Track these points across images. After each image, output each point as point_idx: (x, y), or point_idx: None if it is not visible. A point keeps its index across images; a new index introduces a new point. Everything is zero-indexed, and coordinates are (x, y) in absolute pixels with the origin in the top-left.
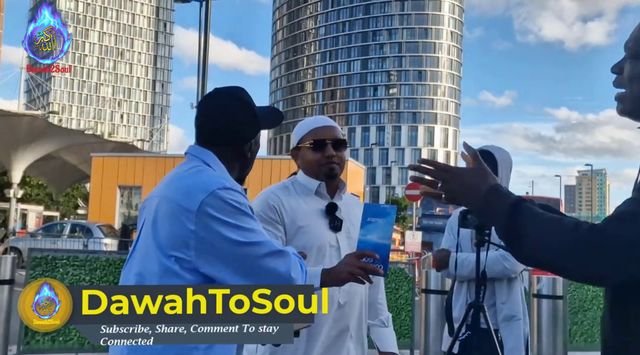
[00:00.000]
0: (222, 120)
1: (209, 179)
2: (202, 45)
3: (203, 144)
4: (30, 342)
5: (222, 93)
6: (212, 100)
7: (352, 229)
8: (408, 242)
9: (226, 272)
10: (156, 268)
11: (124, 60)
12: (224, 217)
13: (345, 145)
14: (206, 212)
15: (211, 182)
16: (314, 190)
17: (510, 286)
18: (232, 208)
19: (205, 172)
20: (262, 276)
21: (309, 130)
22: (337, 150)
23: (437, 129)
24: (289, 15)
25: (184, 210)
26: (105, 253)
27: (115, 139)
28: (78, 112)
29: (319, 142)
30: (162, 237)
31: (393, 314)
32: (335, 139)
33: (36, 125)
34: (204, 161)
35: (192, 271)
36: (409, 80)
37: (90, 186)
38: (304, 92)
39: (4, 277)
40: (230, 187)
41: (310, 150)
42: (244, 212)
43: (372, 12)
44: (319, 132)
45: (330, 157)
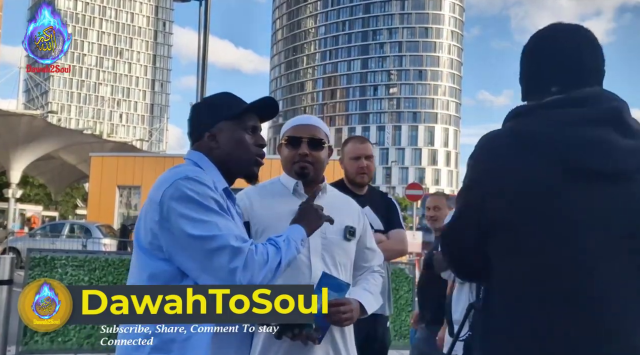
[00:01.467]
0: (189, 121)
1: (176, 171)
2: (202, 44)
3: (192, 147)
4: (29, 342)
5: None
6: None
7: (327, 228)
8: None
9: (188, 265)
10: (142, 263)
11: (123, 60)
12: (179, 208)
13: (322, 145)
14: (166, 203)
15: (177, 174)
16: (291, 190)
17: None
18: (188, 198)
19: (180, 167)
20: (213, 272)
21: (289, 128)
22: (313, 150)
23: (438, 128)
24: (289, 14)
25: (152, 203)
26: (104, 253)
27: (114, 139)
28: (77, 111)
29: (294, 139)
30: (142, 234)
31: (393, 314)
32: (311, 138)
33: (35, 125)
34: (192, 161)
35: (169, 262)
36: (409, 79)
37: (89, 186)
38: (303, 92)
39: (3, 278)
40: (192, 177)
41: (285, 147)
42: (200, 203)
43: (372, 11)
44: (296, 130)
45: (303, 156)
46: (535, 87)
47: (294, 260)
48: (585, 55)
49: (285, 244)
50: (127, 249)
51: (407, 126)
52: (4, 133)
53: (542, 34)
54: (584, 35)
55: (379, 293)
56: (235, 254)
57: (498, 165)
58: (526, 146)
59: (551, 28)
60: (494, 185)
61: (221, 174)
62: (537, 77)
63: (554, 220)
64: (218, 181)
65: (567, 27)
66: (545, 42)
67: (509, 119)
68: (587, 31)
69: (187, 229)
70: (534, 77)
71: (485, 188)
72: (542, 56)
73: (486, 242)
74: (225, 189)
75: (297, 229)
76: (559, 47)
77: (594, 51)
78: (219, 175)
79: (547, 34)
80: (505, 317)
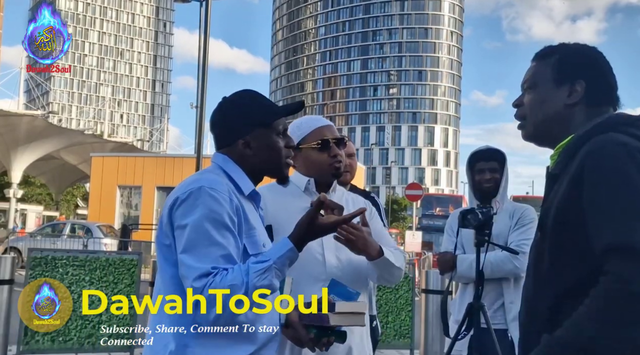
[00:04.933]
0: (218, 124)
1: (195, 179)
2: (202, 45)
3: (217, 149)
4: (30, 342)
5: (222, 99)
6: (216, 108)
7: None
8: (408, 242)
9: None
10: (169, 269)
11: (123, 60)
12: (179, 220)
13: (345, 144)
14: (174, 211)
15: (194, 181)
16: (302, 188)
17: (518, 286)
18: (191, 210)
19: (203, 174)
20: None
21: (312, 130)
22: (341, 150)
23: (437, 128)
24: (289, 15)
25: (166, 207)
26: (105, 253)
27: (115, 139)
28: (78, 112)
29: (326, 142)
30: (161, 237)
31: (393, 314)
32: (341, 138)
33: (36, 125)
34: (218, 165)
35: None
36: (409, 80)
37: (90, 186)
38: (303, 92)
39: (4, 277)
40: (207, 187)
41: (316, 150)
42: (197, 225)
43: (372, 12)
44: (322, 132)
45: (338, 157)
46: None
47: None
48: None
49: (258, 274)
50: (128, 249)
51: (407, 126)
52: (5, 133)
53: (591, 51)
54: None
55: (398, 258)
56: (196, 290)
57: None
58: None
59: (593, 48)
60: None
61: (249, 177)
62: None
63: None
64: (244, 184)
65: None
66: (602, 58)
67: (624, 124)
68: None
69: (179, 244)
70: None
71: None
72: (607, 69)
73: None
74: (251, 191)
75: (284, 248)
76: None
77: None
78: (245, 179)
79: (595, 51)
80: None
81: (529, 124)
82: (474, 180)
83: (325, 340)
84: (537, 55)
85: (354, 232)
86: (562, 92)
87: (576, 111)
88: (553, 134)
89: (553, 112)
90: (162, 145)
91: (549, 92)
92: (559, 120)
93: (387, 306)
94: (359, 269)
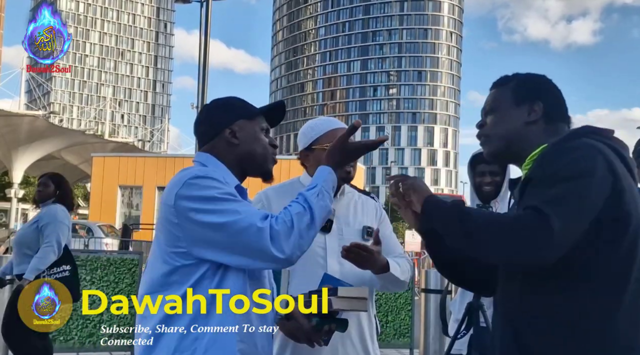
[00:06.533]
0: (202, 122)
1: (185, 173)
2: (203, 46)
3: (200, 149)
4: None
5: (205, 105)
6: (199, 112)
7: (345, 229)
8: (408, 242)
9: (219, 254)
10: (162, 267)
11: (124, 61)
12: (196, 205)
13: None
14: (181, 204)
15: (185, 175)
16: None
17: None
18: (201, 193)
19: (188, 169)
20: (246, 252)
21: (326, 132)
22: None
23: (437, 129)
24: (289, 15)
25: (167, 207)
26: (106, 253)
27: (115, 139)
28: (79, 112)
29: None
30: (161, 238)
31: (393, 313)
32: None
33: (37, 125)
34: (200, 163)
35: (188, 257)
36: (408, 80)
37: (91, 186)
38: (304, 93)
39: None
40: (202, 175)
41: None
42: (213, 196)
43: (372, 13)
44: (336, 135)
45: None
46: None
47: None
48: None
49: (314, 196)
50: (129, 249)
51: (407, 127)
52: (6, 133)
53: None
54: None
55: (405, 270)
56: (260, 231)
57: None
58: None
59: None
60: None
61: (232, 173)
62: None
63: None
64: (229, 180)
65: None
66: (553, 83)
67: (595, 133)
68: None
69: (208, 220)
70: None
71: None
72: (559, 92)
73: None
74: (237, 186)
75: (324, 172)
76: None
77: None
78: (228, 174)
79: (547, 78)
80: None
81: (491, 141)
82: (475, 182)
83: (326, 329)
84: (495, 84)
85: (363, 254)
86: (522, 111)
87: (535, 128)
88: (514, 150)
89: (514, 128)
90: (162, 145)
91: (509, 111)
92: (519, 136)
93: (386, 305)
94: (362, 278)
